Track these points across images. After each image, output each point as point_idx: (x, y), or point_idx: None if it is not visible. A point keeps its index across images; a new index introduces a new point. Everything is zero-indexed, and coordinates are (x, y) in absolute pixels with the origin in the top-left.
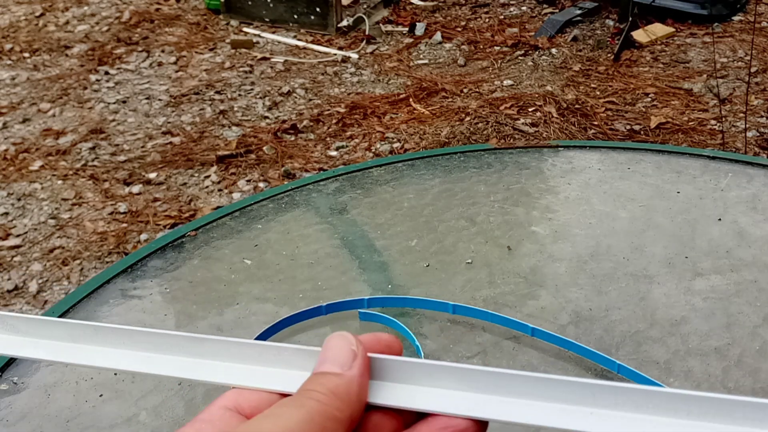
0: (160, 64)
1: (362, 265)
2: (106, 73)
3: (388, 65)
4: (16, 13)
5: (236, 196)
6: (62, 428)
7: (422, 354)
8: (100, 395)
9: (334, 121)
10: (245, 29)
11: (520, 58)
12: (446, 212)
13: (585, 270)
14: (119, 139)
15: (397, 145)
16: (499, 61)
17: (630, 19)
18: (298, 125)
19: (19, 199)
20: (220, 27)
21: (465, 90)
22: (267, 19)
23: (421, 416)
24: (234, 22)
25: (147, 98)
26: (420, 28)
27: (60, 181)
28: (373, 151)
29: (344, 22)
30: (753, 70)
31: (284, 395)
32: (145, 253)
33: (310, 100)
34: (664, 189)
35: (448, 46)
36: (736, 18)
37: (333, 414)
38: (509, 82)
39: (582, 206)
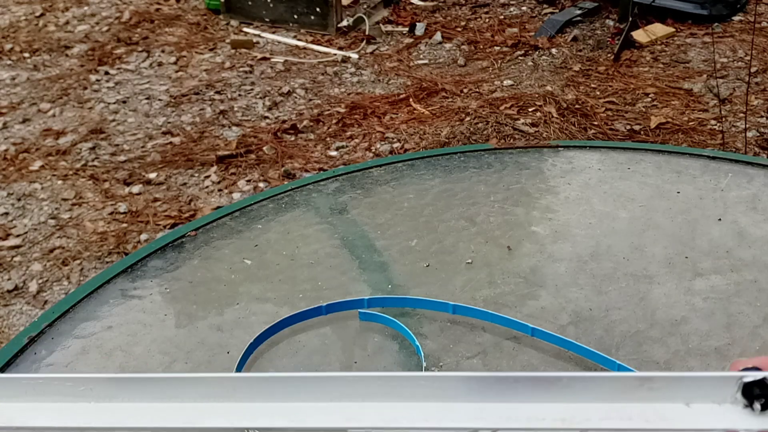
0: (160, 64)
1: (362, 265)
2: (106, 73)
3: (388, 65)
4: (16, 13)
5: (236, 196)
6: None
7: (422, 354)
8: None
9: (334, 121)
10: (245, 29)
11: (520, 58)
12: (446, 212)
13: (585, 270)
14: (119, 139)
15: (397, 145)
16: (499, 61)
17: (630, 19)
18: (298, 125)
19: (19, 199)
20: (220, 27)
21: (465, 90)
22: (267, 19)
23: None
24: (234, 22)
25: (147, 98)
26: (420, 28)
27: (60, 181)
28: (373, 151)
29: (344, 23)
30: (753, 70)
31: None
32: (145, 253)
33: (310, 100)
34: (664, 189)
35: (448, 46)
36: (736, 18)
37: None
38: (509, 82)
39: (582, 206)
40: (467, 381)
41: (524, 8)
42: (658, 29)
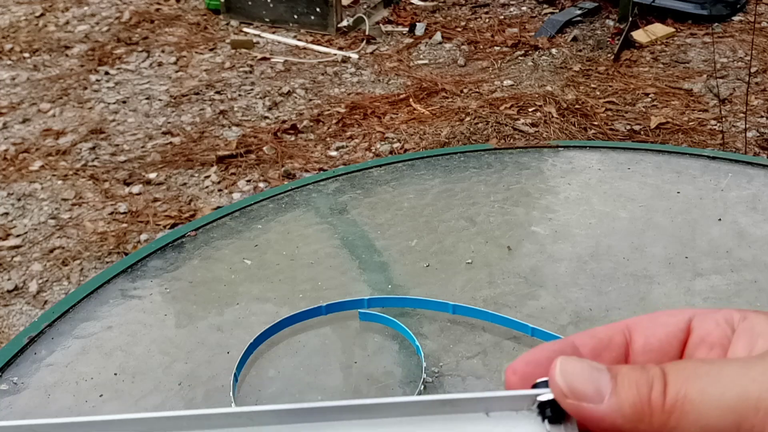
0: (160, 64)
1: (362, 265)
2: (106, 73)
3: (388, 65)
4: (16, 13)
5: (236, 196)
6: None
7: (422, 354)
8: (100, 395)
9: (334, 121)
10: (245, 29)
11: (520, 58)
12: (446, 212)
13: (585, 270)
14: (119, 139)
15: (397, 145)
16: (499, 62)
17: (630, 19)
18: (298, 125)
19: (19, 199)
20: (220, 27)
21: (465, 90)
22: (267, 19)
23: None
24: (234, 22)
25: (147, 98)
26: (420, 28)
27: (60, 181)
28: (373, 151)
29: (344, 23)
30: (753, 70)
31: None
32: (145, 253)
33: (310, 100)
34: (664, 189)
35: (448, 46)
36: (736, 18)
37: None
38: (509, 82)
39: (582, 206)
40: (278, 414)
41: (524, 8)
42: (658, 29)
